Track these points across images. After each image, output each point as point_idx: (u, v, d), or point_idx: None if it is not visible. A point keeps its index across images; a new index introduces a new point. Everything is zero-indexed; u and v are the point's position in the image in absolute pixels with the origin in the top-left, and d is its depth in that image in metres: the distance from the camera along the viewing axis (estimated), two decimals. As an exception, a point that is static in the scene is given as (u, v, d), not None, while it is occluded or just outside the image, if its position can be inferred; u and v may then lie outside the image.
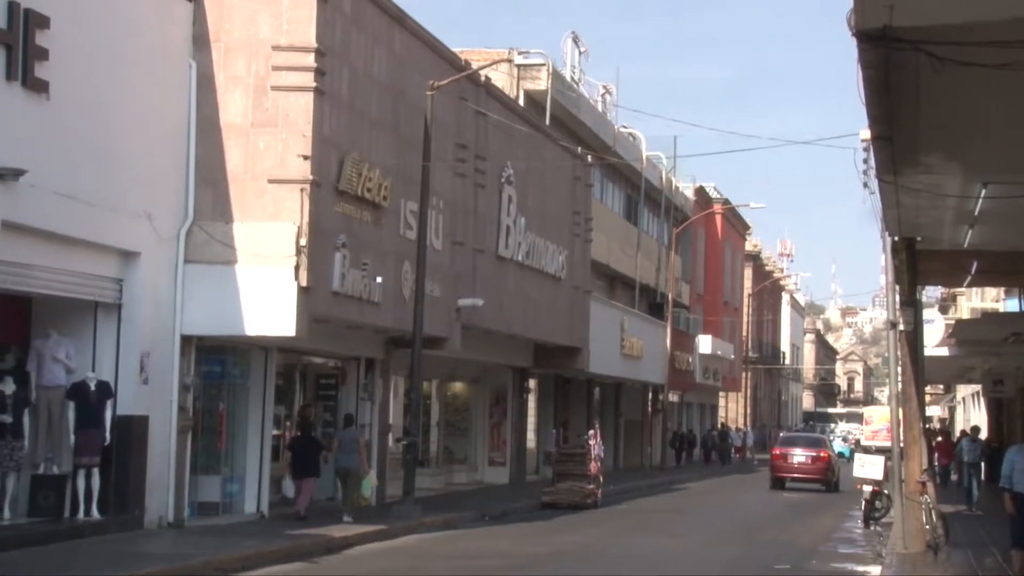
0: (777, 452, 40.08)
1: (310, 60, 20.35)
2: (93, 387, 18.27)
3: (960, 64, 8.90)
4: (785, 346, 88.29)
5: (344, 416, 24.43)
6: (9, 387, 17.15)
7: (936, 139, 12.18)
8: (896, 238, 19.97)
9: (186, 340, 20.09)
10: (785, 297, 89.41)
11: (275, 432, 23.48)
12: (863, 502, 25.09)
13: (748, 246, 75.60)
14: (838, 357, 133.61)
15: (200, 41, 20.34)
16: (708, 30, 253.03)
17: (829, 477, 38.57)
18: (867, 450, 40.12)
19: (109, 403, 18.46)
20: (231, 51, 20.45)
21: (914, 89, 10.03)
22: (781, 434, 51.11)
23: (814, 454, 38.78)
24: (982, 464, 32.33)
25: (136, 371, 19.02)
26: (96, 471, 18.26)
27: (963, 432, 40.06)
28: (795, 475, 38.43)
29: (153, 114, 19.39)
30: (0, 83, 15.97)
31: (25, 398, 17.59)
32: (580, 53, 43.81)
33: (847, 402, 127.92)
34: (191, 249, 20.03)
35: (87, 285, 18.43)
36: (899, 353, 21.43)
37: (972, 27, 8.32)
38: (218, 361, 21.80)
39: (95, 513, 18.19)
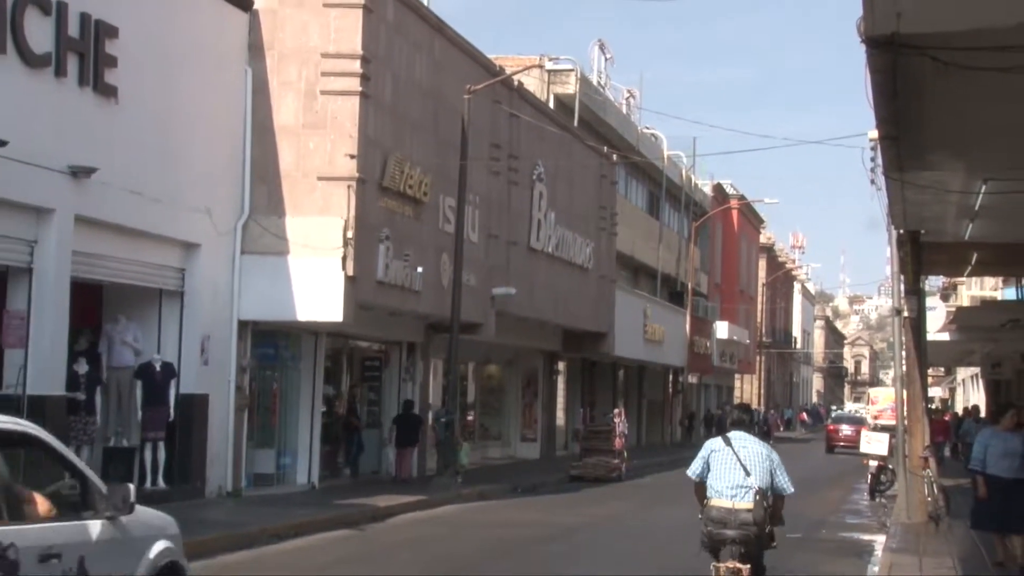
0: (831, 427, 51.46)
1: (356, 66, 20.38)
2: (158, 368, 18.40)
3: (963, 68, 8.81)
4: (797, 332, 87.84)
5: (445, 400, 25.69)
6: (83, 367, 17.28)
7: (940, 139, 12.07)
8: (901, 231, 19.83)
9: (243, 325, 20.19)
10: (797, 286, 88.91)
11: (323, 410, 23.60)
12: (869, 476, 24.98)
13: (762, 239, 75.19)
14: (846, 342, 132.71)
15: (255, 49, 20.41)
16: (728, 37, 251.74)
17: None
18: (874, 428, 39.97)
19: (173, 382, 18.59)
20: (283, 58, 20.51)
21: (920, 92, 9.95)
22: (834, 413, 64.71)
23: (856, 428, 46.39)
24: None
25: (197, 353, 19.14)
26: (161, 445, 18.41)
27: (965, 411, 39.67)
28: (842, 443, 47.13)
29: (212, 117, 19.48)
30: (73, 88, 16.10)
31: (97, 377, 17.74)
32: (606, 59, 43.72)
33: (854, 384, 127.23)
34: (247, 241, 20.12)
35: (153, 274, 18.56)
36: (903, 338, 21.30)
37: (976, 33, 8.22)
38: (272, 344, 21.92)
39: (161, 483, 18.34)
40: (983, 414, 32.95)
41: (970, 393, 54.24)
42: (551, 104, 34.97)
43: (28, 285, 15.74)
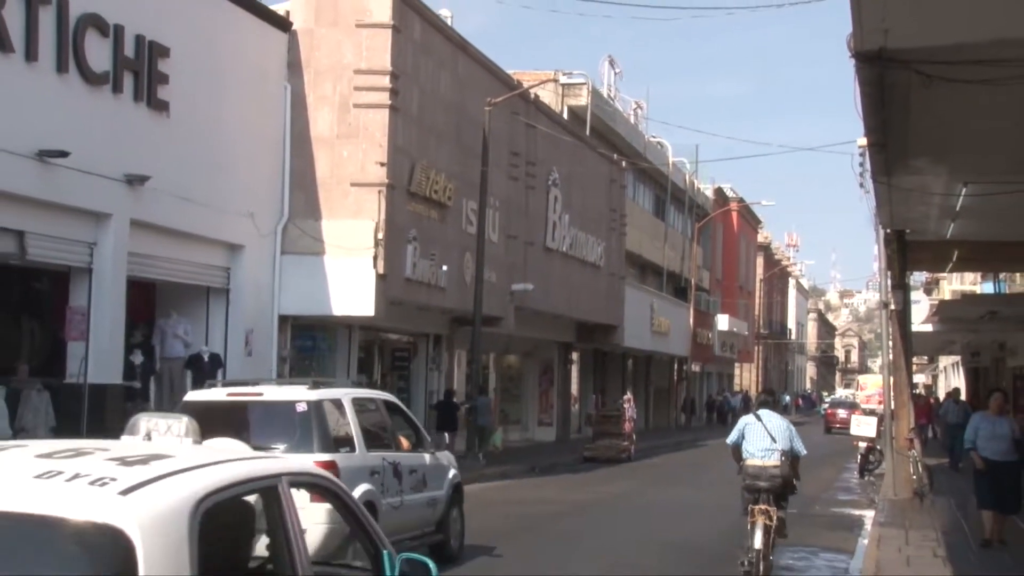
0: (829, 411, 52.39)
1: (386, 82, 20.45)
2: (207, 359, 18.50)
3: (946, 81, 8.80)
4: (791, 323, 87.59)
5: (479, 388, 25.92)
6: (138, 358, 17.40)
7: (924, 146, 12.04)
8: (888, 230, 19.79)
9: (283, 319, 20.30)
10: (791, 282, 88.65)
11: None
12: (859, 456, 24.90)
13: (760, 238, 74.98)
14: (837, 333, 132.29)
15: (293, 67, 20.50)
16: (729, 51, 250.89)
17: None
18: (865, 412, 39.88)
19: (220, 372, 18.66)
20: (319, 75, 20.60)
21: (905, 103, 9.93)
22: (831, 399, 64.93)
23: (851, 412, 46.84)
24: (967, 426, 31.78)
25: (242, 345, 19.24)
26: (209, 429, 18.46)
27: (947, 395, 39.51)
28: (839, 425, 47.20)
29: (255, 129, 19.58)
30: (129, 103, 16.21)
31: (151, 368, 17.87)
32: (616, 73, 43.71)
33: (844, 371, 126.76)
34: (286, 242, 20.23)
35: (201, 273, 18.67)
36: (890, 329, 21.25)
37: (958, 48, 8.20)
38: (309, 337, 22.00)
39: (209, 464, 18.40)
40: (963, 396, 32.81)
41: (951, 379, 54.01)
42: (565, 115, 34.97)
43: (88, 283, 15.88)
